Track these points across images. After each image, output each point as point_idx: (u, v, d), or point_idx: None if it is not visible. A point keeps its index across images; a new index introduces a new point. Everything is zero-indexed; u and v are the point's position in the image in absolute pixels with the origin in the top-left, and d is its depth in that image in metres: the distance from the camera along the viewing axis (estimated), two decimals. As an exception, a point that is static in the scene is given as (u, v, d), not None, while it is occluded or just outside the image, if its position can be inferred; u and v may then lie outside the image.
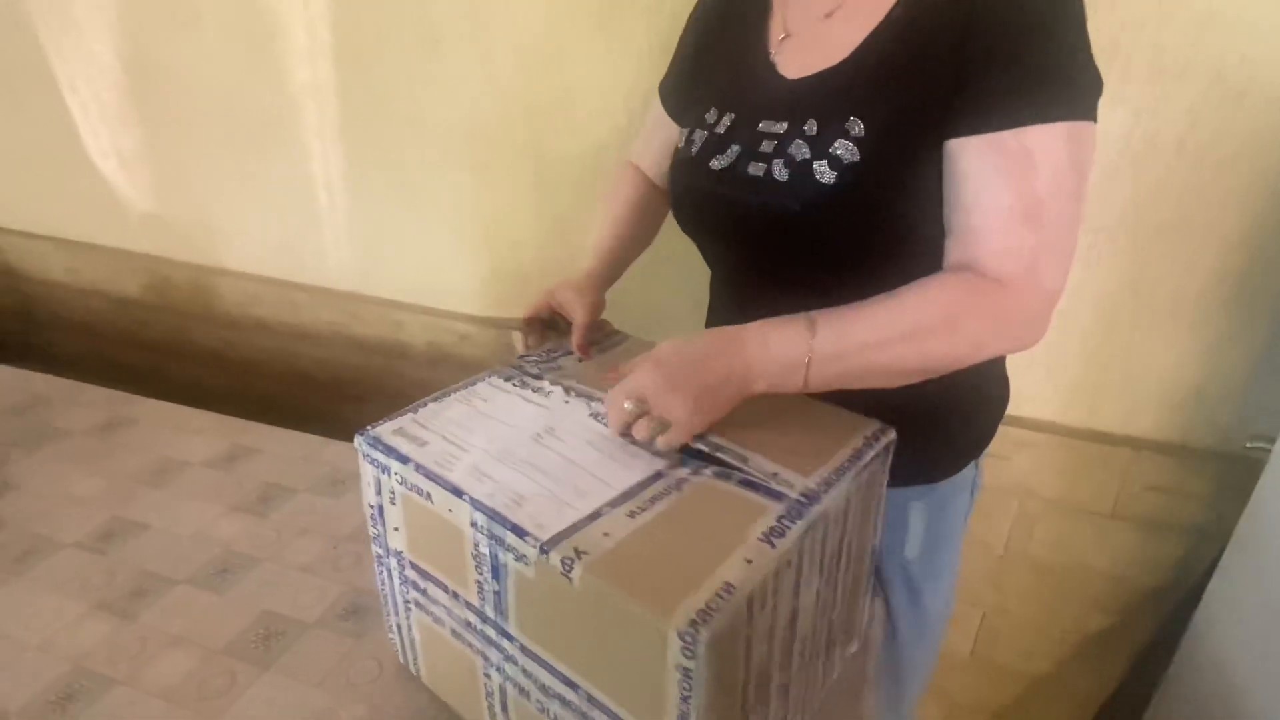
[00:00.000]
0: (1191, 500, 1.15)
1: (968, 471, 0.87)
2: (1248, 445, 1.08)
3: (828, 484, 0.61)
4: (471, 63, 1.29)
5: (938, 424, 0.80)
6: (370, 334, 1.61)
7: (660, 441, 0.64)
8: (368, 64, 1.36)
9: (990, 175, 0.62)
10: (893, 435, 0.69)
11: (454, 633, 0.68)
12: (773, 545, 0.55)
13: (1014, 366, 1.17)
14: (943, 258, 0.68)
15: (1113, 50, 0.98)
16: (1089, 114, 0.62)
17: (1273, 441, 1.00)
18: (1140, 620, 1.25)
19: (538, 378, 0.77)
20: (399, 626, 0.77)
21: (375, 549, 0.73)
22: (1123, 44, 0.97)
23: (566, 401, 0.72)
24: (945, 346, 0.65)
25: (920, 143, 0.65)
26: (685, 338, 0.67)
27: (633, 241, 0.95)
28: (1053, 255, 0.63)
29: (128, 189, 1.72)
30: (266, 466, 1.20)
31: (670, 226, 1.24)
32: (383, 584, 0.75)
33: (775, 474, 0.62)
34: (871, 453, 0.66)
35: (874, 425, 0.69)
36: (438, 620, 0.70)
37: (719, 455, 0.64)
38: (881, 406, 0.70)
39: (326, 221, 1.55)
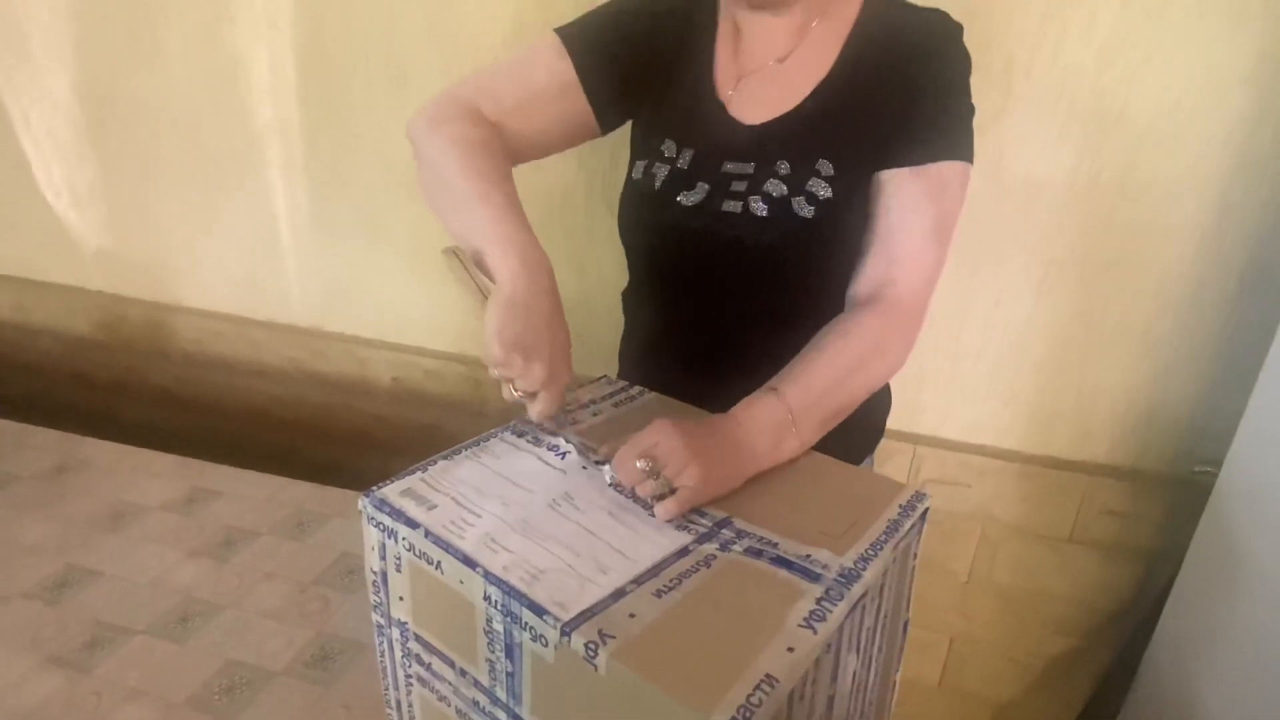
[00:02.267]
0: (1146, 523, 1.19)
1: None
2: (1195, 469, 1.13)
3: (865, 560, 0.58)
4: (439, 99, 1.29)
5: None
6: (333, 370, 1.59)
7: (659, 509, 0.62)
8: (334, 101, 1.37)
9: (913, 198, 0.76)
10: (929, 502, 0.66)
11: (460, 712, 0.64)
12: (814, 630, 0.51)
13: (973, 396, 1.21)
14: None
15: (1057, 94, 1.03)
16: (972, 159, 0.78)
17: (1219, 466, 1.04)
18: (1102, 642, 1.28)
19: (552, 434, 0.73)
20: (398, 702, 0.73)
21: (375, 618, 0.69)
22: (1066, 88, 1.03)
23: (584, 468, 0.69)
24: (879, 368, 0.76)
25: (869, 177, 0.78)
26: (686, 416, 0.68)
27: None
28: (938, 272, 0.77)
29: (81, 226, 1.68)
30: (227, 509, 1.17)
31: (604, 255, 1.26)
32: (382, 655, 0.71)
33: (808, 555, 0.59)
34: (909, 522, 0.63)
35: (909, 491, 0.67)
36: (442, 698, 0.66)
37: (744, 542, 0.60)
38: None
39: (289, 257, 1.53)
